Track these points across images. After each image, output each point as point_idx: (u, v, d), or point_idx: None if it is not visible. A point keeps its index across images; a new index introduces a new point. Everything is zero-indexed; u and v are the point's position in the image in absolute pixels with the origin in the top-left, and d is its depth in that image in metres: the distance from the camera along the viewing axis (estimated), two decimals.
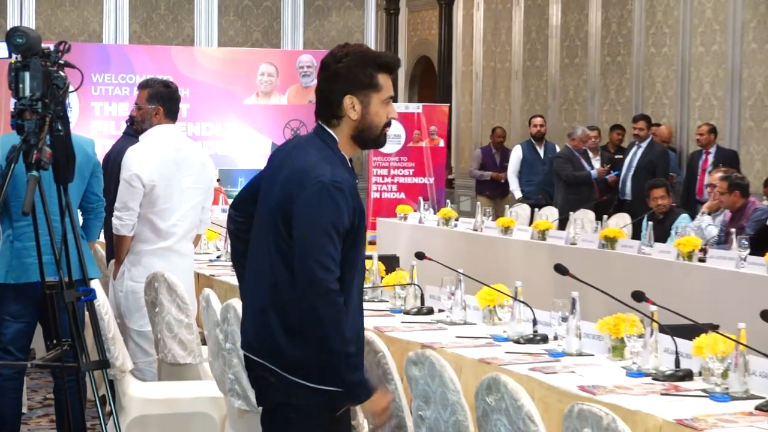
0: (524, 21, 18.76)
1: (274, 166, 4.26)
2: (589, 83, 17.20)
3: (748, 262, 8.46)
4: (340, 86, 4.15)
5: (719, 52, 14.84)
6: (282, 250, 4.06)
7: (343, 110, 4.16)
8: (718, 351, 4.66)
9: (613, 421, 3.51)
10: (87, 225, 6.86)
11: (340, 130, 4.19)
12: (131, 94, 17.02)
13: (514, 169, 15.44)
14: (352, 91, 4.15)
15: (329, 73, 4.17)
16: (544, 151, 15.41)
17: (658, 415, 4.31)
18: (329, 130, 4.19)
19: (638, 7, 16.15)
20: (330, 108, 4.19)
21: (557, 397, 4.76)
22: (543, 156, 15.37)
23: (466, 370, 5.30)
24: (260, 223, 4.24)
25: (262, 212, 4.23)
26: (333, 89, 4.17)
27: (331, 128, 4.20)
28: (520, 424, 3.85)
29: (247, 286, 4.31)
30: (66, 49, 5.10)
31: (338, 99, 4.16)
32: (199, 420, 6.18)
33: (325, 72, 4.19)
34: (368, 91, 4.16)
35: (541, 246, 10.61)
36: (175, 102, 7.31)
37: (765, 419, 4.27)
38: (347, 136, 4.20)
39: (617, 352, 5.34)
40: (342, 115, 4.17)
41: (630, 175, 14.04)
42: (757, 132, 14.30)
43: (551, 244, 10.51)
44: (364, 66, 4.15)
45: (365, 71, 4.15)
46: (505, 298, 6.16)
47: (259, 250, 4.19)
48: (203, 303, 5.85)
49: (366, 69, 4.15)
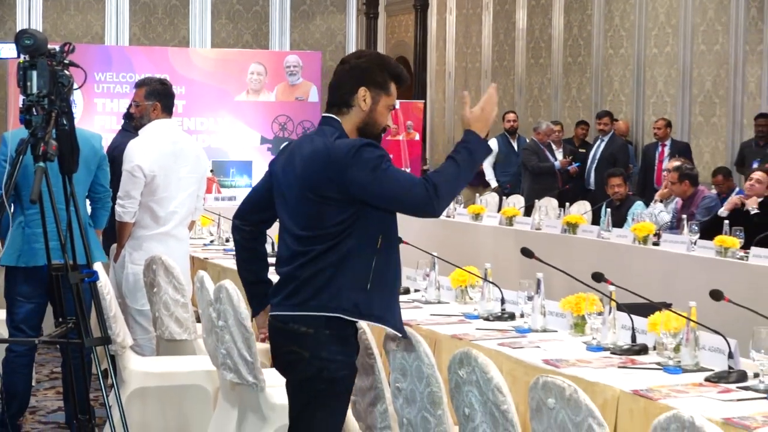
0: (493, 24, 18.74)
1: (283, 165, 4.26)
2: (553, 82, 17.20)
3: (698, 246, 8.48)
4: (358, 77, 4.19)
5: (671, 53, 14.85)
6: (325, 231, 4.09)
7: (355, 100, 4.19)
8: (671, 327, 4.67)
9: (575, 391, 3.51)
10: (95, 213, 6.85)
11: (349, 118, 4.21)
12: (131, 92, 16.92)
13: (490, 161, 15.41)
14: (367, 84, 4.18)
15: (349, 66, 4.23)
16: (518, 144, 15.38)
17: (615, 386, 4.31)
18: (336, 117, 4.21)
19: (597, 12, 16.16)
20: (343, 96, 4.21)
21: (524, 370, 4.76)
22: (517, 149, 15.34)
23: (439, 345, 5.30)
24: (281, 217, 4.28)
25: (282, 207, 4.26)
26: (350, 78, 4.20)
27: (340, 116, 4.21)
28: (490, 395, 3.84)
29: (281, 273, 4.23)
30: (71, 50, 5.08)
31: (353, 89, 4.18)
32: (193, 392, 6.17)
33: (345, 65, 4.24)
34: (380, 90, 4.21)
35: (509, 231, 10.62)
36: (171, 98, 7.30)
37: (713, 389, 4.27)
38: (353, 126, 4.21)
39: (578, 329, 5.35)
40: (353, 104, 4.19)
41: (594, 166, 14.08)
42: (706, 126, 14.33)
43: (518, 230, 10.51)
44: (382, 68, 4.22)
45: (382, 73, 4.21)
46: (476, 279, 6.16)
47: (289, 236, 4.20)
48: (197, 284, 5.83)
49: (383, 71, 4.22)
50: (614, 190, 11.00)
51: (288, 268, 4.19)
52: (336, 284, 4.11)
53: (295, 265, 4.15)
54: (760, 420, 3.83)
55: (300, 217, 4.18)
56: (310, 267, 4.12)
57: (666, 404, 4.03)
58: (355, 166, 4.01)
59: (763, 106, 13.33)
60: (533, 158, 14.28)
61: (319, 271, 4.11)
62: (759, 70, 13.46)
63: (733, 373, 4.41)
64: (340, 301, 4.11)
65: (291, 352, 4.16)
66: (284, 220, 4.28)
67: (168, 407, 6.16)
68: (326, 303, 4.11)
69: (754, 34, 13.53)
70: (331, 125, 4.19)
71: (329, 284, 4.11)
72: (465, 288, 6.24)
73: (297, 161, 4.19)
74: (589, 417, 3.47)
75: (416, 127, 17.04)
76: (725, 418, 3.83)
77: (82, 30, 19.44)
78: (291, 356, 4.17)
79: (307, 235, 4.14)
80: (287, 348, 4.18)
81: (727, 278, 7.77)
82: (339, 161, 4.04)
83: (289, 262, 4.19)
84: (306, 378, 4.15)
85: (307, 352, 4.11)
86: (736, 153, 13.55)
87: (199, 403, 6.16)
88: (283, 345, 4.20)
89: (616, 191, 10.98)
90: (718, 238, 8.26)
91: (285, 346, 4.19)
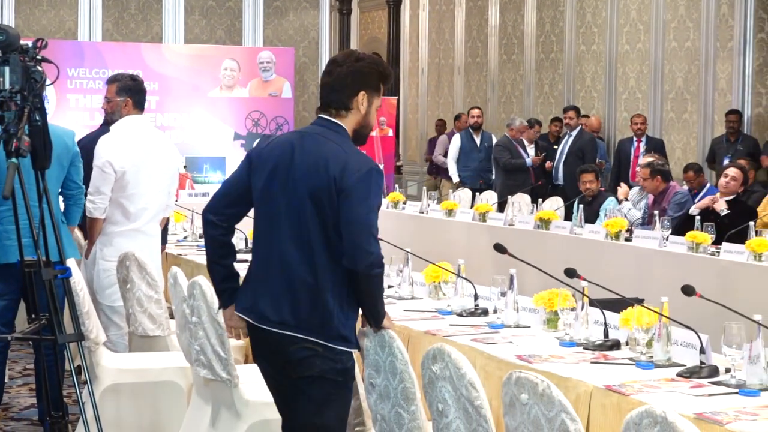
0: (466, 21, 18.76)
1: (279, 157, 4.23)
2: (525, 78, 17.23)
3: (670, 242, 8.50)
4: (359, 81, 4.25)
5: (643, 49, 14.90)
6: (326, 234, 4.13)
7: (355, 103, 4.26)
8: (643, 323, 4.68)
9: (548, 387, 3.51)
10: (67, 210, 6.82)
11: (347, 121, 4.28)
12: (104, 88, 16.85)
13: (453, 156, 15.41)
14: (366, 88, 4.26)
15: (350, 69, 4.26)
16: (481, 140, 15.38)
17: (588, 382, 4.32)
18: (338, 122, 4.27)
19: (569, 9, 16.19)
20: (343, 99, 4.26)
21: (497, 366, 4.76)
22: (479, 144, 15.34)
23: (413, 341, 5.30)
24: (276, 213, 4.21)
25: (279, 203, 4.20)
26: (351, 82, 4.25)
27: (340, 119, 4.28)
28: (463, 390, 3.84)
29: (265, 271, 4.24)
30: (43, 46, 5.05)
31: (354, 92, 4.25)
32: (167, 388, 6.14)
33: (343, 67, 4.27)
34: (375, 93, 4.31)
35: (482, 227, 10.62)
36: (143, 94, 7.27)
37: (685, 384, 4.29)
38: (351, 128, 4.29)
39: (551, 324, 5.36)
40: (352, 107, 4.26)
41: (562, 161, 14.09)
42: (677, 123, 14.39)
43: (491, 226, 10.52)
44: (377, 71, 4.30)
45: (377, 76, 4.30)
46: (449, 274, 6.16)
47: (286, 237, 4.18)
48: (171, 280, 5.81)
49: (377, 75, 4.31)
50: (586, 186, 11.02)
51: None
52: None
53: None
54: (732, 415, 3.84)
55: (293, 213, 4.18)
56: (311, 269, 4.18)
57: (638, 399, 4.04)
58: (362, 183, 4.10)
59: (734, 103, 13.39)
60: (505, 154, 14.29)
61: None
62: (729, 66, 13.52)
63: (704, 368, 4.42)
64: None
65: (304, 348, 4.15)
66: (272, 216, 4.25)
67: (141, 404, 6.14)
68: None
69: (724, 30, 13.59)
70: (338, 131, 4.25)
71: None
72: (438, 284, 6.24)
73: (305, 164, 4.18)
74: (562, 412, 3.47)
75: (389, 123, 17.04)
76: (697, 413, 3.85)
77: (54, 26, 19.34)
78: (304, 352, 4.15)
79: (300, 234, 4.17)
80: (299, 345, 4.15)
81: (698, 274, 7.80)
82: (352, 174, 4.10)
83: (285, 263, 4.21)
84: (320, 372, 4.16)
85: (321, 347, 4.14)
86: (707, 149, 13.60)
87: (172, 399, 6.13)
88: (293, 342, 4.16)
89: (588, 187, 11.00)
90: (689, 234, 8.28)
91: (295, 344, 4.15)
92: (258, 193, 4.27)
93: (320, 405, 4.19)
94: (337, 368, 4.17)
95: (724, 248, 8.06)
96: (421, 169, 19.24)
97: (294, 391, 4.22)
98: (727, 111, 13.21)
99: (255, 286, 4.27)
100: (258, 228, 4.31)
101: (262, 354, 4.32)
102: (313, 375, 4.16)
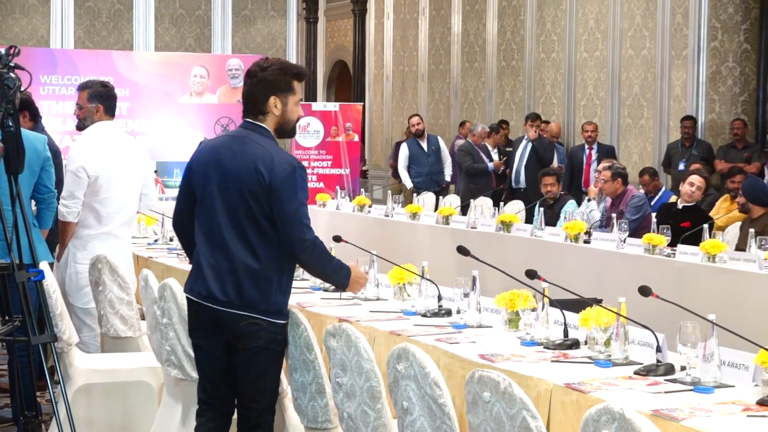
0: (429, 29, 18.78)
1: (211, 160, 4.71)
2: (487, 85, 17.27)
3: (627, 244, 8.54)
4: (266, 89, 4.71)
5: (601, 57, 14.96)
6: (259, 225, 4.60)
7: (268, 107, 4.71)
8: (602, 322, 4.70)
9: (510, 385, 3.52)
10: (40, 214, 6.78)
11: (268, 122, 4.73)
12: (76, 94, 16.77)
13: (403, 164, 15.38)
14: (276, 93, 4.71)
15: (257, 79, 4.72)
16: (428, 144, 15.37)
17: (549, 380, 4.33)
18: (262, 125, 4.73)
19: (530, 18, 16.24)
20: (257, 106, 4.72)
21: (460, 365, 4.77)
22: (427, 149, 15.33)
23: (378, 341, 5.29)
24: (215, 210, 4.67)
25: (216, 201, 4.67)
26: (260, 91, 4.72)
27: (260, 121, 4.73)
28: (427, 389, 3.85)
29: (210, 258, 4.69)
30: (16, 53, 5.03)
31: (264, 99, 4.71)
32: (138, 388, 6.12)
33: (253, 78, 4.73)
34: (287, 93, 4.74)
35: (445, 230, 10.63)
36: (113, 100, 7.23)
37: (642, 382, 4.30)
38: (272, 128, 4.75)
39: (513, 324, 5.36)
40: (267, 111, 4.72)
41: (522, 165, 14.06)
42: (634, 128, 14.46)
43: (454, 228, 10.53)
44: (284, 74, 4.73)
45: (285, 78, 4.73)
46: (414, 276, 6.16)
47: (227, 230, 4.65)
48: (142, 282, 5.79)
49: (285, 76, 4.73)
50: (547, 188, 11.06)
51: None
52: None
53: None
54: (687, 411, 3.86)
55: (230, 210, 4.65)
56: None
57: (597, 397, 4.06)
58: (288, 181, 4.59)
59: (689, 109, 13.47)
60: (467, 159, 14.32)
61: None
62: (684, 74, 13.60)
63: (661, 366, 4.44)
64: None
65: (252, 324, 4.62)
66: (212, 213, 4.70)
67: (113, 403, 6.11)
68: None
69: (679, 39, 13.66)
70: (262, 133, 4.71)
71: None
72: (403, 285, 6.24)
73: (237, 164, 4.64)
74: (523, 410, 3.49)
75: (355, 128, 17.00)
76: (654, 410, 3.86)
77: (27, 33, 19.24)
78: (252, 327, 4.62)
79: (238, 226, 4.64)
80: (247, 321, 4.62)
81: (655, 275, 7.83)
82: (279, 173, 4.58)
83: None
84: (266, 343, 4.65)
85: (265, 323, 4.63)
86: (663, 154, 13.67)
87: (143, 399, 6.11)
88: (241, 319, 4.62)
89: (549, 190, 11.03)
90: (646, 236, 8.32)
91: (244, 320, 4.61)
92: (199, 194, 4.75)
93: (263, 371, 4.68)
94: (277, 339, 4.68)
95: (680, 250, 8.10)
96: (386, 173, 19.24)
97: (241, 362, 4.67)
98: (682, 117, 13.29)
99: (202, 271, 4.70)
100: (201, 223, 4.75)
101: (208, 330, 4.73)
102: (259, 345, 4.64)
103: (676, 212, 9.58)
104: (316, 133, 16.56)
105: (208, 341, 4.75)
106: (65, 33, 19.45)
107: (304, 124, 16.17)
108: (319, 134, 16.73)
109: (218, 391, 4.78)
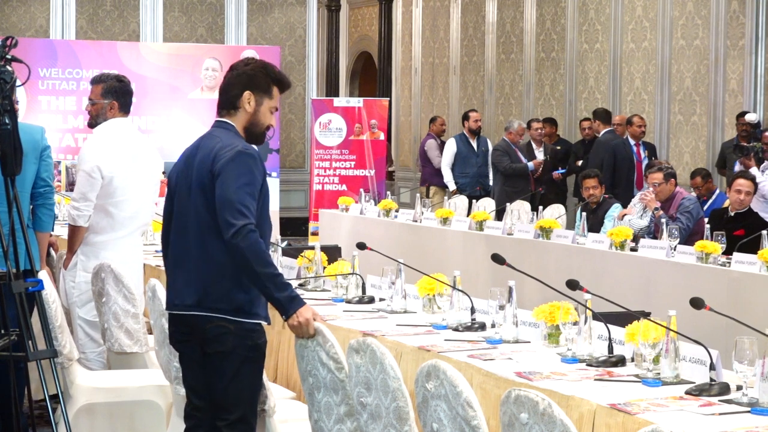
0: (461, 18, 18.79)
1: (182, 167, 4.97)
2: (525, 78, 17.27)
3: (678, 252, 8.52)
4: (244, 82, 4.92)
5: (649, 48, 14.94)
6: (213, 219, 4.74)
7: (240, 102, 4.92)
8: (650, 337, 4.69)
9: (549, 405, 3.52)
10: (36, 213, 6.75)
11: (237, 119, 4.94)
12: (78, 89, 16.88)
13: (448, 162, 15.38)
14: (252, 88, 4.92)
15: (237, 73, 4.95)
16: (477, 144, 15.39)
17: (592, 400, 4.33)
18: (228, 121, 4.93)
19: (571, 5, 16.23)
20: (230, 99, 4.94)
21: (495, 383, 4.77)
22: (477, 149, 15.34)
23: (406, 358, 5.30)
24: (178, 210, 4.92)
25: (181, 201, 4.90)
26: (237, 83, 4.92)
27: (229, 118, 4.95)
28: (459, 409, 3.85)
29: (175, 262, 4.93)
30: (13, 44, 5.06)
31: (239, 92, 4.91)
32: (145, 408, 6.15)
33: (233, 72, 4.96)
34: (263, 94, 4.94)
35: (479, 236, 10.63)
36: (129, 96, 7.26)
37: (695, 403, 4.30)
38: (240, 127, 4.94)
39: (553, 339, 5.36)
40: (239, 106, 4.93)
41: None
42: (685, 125, 14.42)
43: (488, 235, 10.53)
44: (265, 74, 4.95)
45: (265, 78, 4.95)
46: (444, 287, 6.16)
47: (189, 231, 4.84)
48: (149, 293, 5.80)
49: (266, 77, 4.95)
50: (589, 192, 11.03)
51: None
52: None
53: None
54: None
55: (190, 208, 4.85)
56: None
57: (645, 419, 4.05)
58: (229, 164, 4.72)
59: (745, 104, 13.42)
60: (504, 159, 14.30)
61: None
62: (740, 66, 13.56)
63: (714, 385, 4.43)
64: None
65: (218, 326, 4.76)
66: (177, 214, 4.93)
67: (118, 424, 6.14)
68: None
69: (735, 28, 13.63)
70: (226, 128, 4.91)
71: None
72: (433, 296, 6.25)
73: (195, 163, 4.88)
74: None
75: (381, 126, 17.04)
76: None
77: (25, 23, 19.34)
78: (218, 329, 4.76)
79: (196, 224, 4.84)
80: (213, 324, 4.76)
81: (708, 285, 7.82)
82: (221, 157, 4.75)
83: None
84: (232, 348, 4.76)
85: (231, 324, 4.77)
86: (716, 153, 13.63)
87: (151, 419, 6.13)
88: (208, 321, 4.77)
89: (591, 193, 11.01)
90: (698, 244, 8.29)
91: (210, 322, 4.77)
92: (176, 202, 4.97)
93: (232, 377, 4.77)
94: (247, 344, 4.79)
95: (735, 259, 8.07)
96: (414, 175, 19.25)
97: (209, 366, 4.81)
98: (738, 113, 13.24)
99: (172, 278, 4.93)
100: (165, 227, 4.99)
101: (182, 336, 4.92)
102: (226, 350, 4.76)
103: (727, 219, 9.51)
104: (338, 131, 16.60)
105: (181, 348, 4.98)
106: (66, 23, 19.54)
107: (325, 121, 16.20)
108: (341, 132, 16.77)
109: (201, 401, 4.92)
